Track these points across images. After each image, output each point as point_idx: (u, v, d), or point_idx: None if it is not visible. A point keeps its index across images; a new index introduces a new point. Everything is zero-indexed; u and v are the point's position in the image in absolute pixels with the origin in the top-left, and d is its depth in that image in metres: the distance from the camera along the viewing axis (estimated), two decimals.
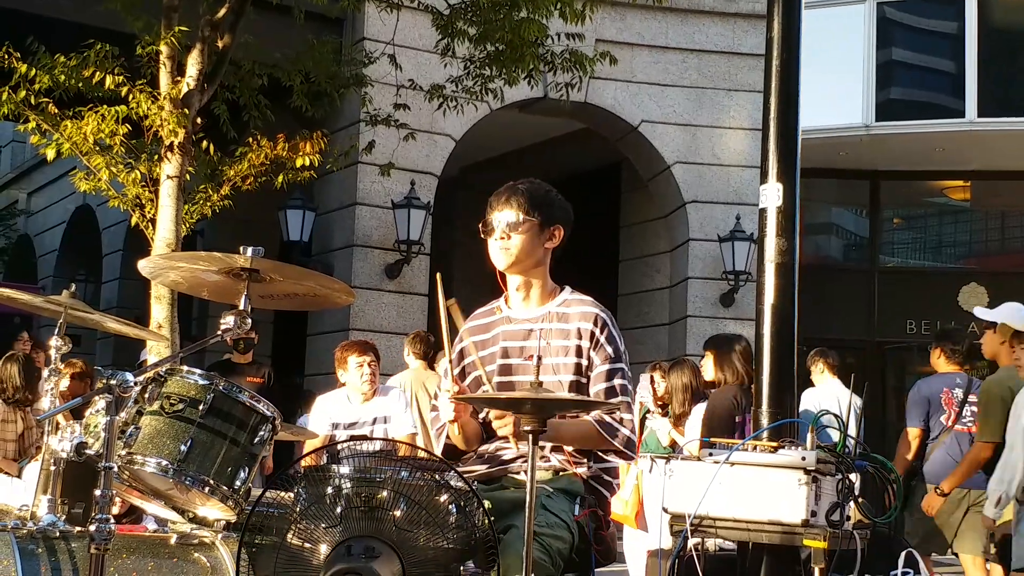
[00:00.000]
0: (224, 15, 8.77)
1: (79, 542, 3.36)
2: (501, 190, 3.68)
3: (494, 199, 3.66)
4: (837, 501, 3.34)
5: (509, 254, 3.61)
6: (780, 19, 4.19)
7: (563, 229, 3.67)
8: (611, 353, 3.58)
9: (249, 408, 3.47)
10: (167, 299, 8.28)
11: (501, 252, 3.62)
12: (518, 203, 3.61)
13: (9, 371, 7.36)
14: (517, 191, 3.64)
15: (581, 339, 3.59)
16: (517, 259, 3.61)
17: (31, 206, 24.66)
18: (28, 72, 8.73)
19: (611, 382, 3.56)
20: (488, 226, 3.63)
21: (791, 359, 4.03)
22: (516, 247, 3.60)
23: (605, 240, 16.14)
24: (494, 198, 3.67)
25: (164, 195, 8.59)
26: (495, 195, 3.67)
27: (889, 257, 18.11)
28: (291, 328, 14.18)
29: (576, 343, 3.59)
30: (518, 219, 3.60)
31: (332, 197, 13.52)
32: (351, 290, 4.03)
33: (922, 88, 16.60)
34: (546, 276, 3.70)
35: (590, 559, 3.52)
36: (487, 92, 10.46)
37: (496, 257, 3.64)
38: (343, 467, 3.10)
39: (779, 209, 4.03)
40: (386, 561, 2.95)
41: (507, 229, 3.59)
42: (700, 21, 14.68)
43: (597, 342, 3.58)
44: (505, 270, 3.65)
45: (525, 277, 3.67)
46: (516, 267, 3.64)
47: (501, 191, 3.67)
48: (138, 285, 14.93)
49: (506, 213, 3.61)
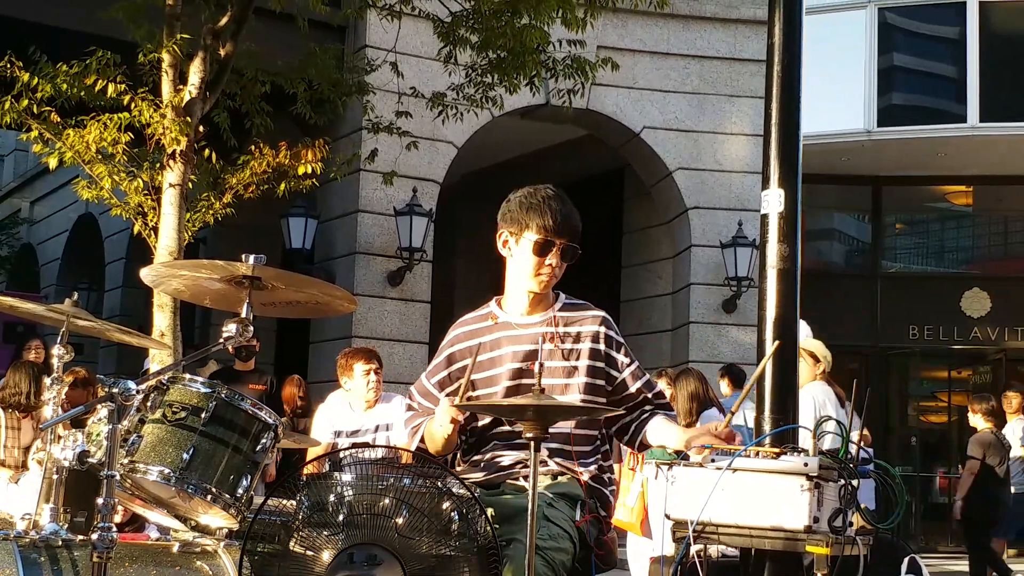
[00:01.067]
0: (226, 23, 8.78)
1: (81, 551, 3.36)
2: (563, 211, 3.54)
3: (558, 220, 3.53)
4: (840, 507, 3.34)
5: (554, 280, 3.59)
6: (781, 25, 4.19)
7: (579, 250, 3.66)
8: (629, 350, 3.66)
9: (251, 416, 3.46)
10: (169, 307, 8.28)
11: (546, 277, 3.56)
12: (572, 232, 3.56)
13: (16, 378, 7.35)
14: (568, 217, 3.55)
15: (597, 342, 3.59)
16: (552, 284, 3.60)
17: (34, 215, 24.71)
18: (31, 81, 8.74)
19: (645, 377, 3.66)
20: (546, 246, 3.52)
21: (793, 365, 4.03)
22: (560, 274, 3.59)
23: (607, 246, 16.15)
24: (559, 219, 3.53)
25: (166, 203, 8.60)
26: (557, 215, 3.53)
27: (891, 262, 18.12)
28: (293, 336, 14.19)
29: (590, 346, 3.58)
30: (575, 249, 3.56)
31: (334, 205, 13.54)
32: (353, 298, 4.02)
33: (924, 93, 16.61)
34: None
35: (591, 565, 3.51)
36: (488, 100, 10.46)
37: (538, 279, 3.56)
38: (345, 475, 3.10)
39: (781, 215, 4.03)
40: (388, 568, 2.95)
41: (565, 260, 3.56)
42: (702, 27, 14.70)
43: (618, 344, 3.62)
44: (540, 291, 3.59)
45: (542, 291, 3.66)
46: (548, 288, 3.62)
47: (564, 213, 3.54)
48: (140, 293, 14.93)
49: (569, 247, 3.55)
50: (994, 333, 16.77)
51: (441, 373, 3.67)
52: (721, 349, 14.31)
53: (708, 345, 14.35)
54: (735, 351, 14.09)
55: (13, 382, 7.34)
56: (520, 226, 3.55)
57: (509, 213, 3.60)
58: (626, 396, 3.64)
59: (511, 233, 3.59)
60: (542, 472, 3.48)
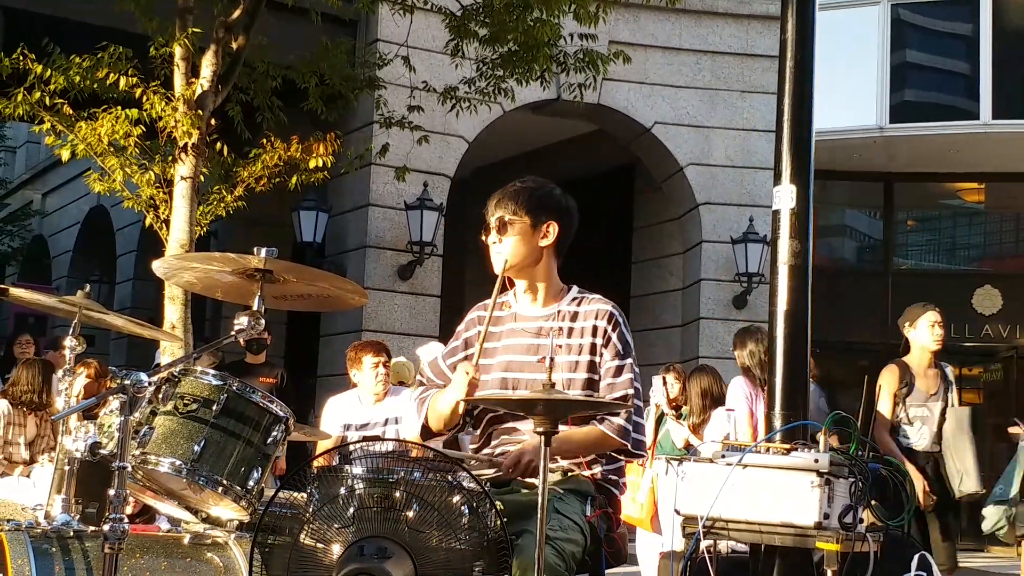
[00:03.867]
0: (238, 17, 8.79)
1: (93, 542, 3.37)
2: (503, 190, 3.66)
3: (488, 202, 3.65)
4: (850, 503, 3.33)
5: (500, 257, 3.59)
6: (794, 20, 4.18)
7: (558, 224, 3.62)
8: (620, 349, 3.57)
9: (262, 408, 3.47)
10: (181, 300, 8.29)
11: (494, 256, 3.61)
12: (505, 205, 3.60)
13: (29, 375, 7.36)
14: (506, 193, 3.63)
15: (595, 336, 3.58)
16: (511, 262, 3.58)
17: (46, 207, 24.76)
18: (43, 73, 8.76)
19: (620, 377, 3.54)
20: (485, 230, 3.63)
21: (804, 362, 4.02)
22: (507, 250, 3.58)
23: (618, 242, 16.14)
24: (493, 200, 3.65)
25: (178, 196, 8.61)
26: (494, 196, 3.66)
27: (903, 259, 18.06)
28: (304, 329, 14.20)
29: (591, 341, 3.57)
30: (506, 221, 3.58)
31: (345, 198, 13.54)
32: (364, 291, 4.03)
33: (936, 90, 16.55)
34: (551, 275, 3.67)
35: (601, 560, 3.52)
36: (500, 93, 10.46)
37: (492, 260, 3.62)
38: (355, 468, 3.11)
39: (792, 211, 4.02)
40: (398, 562, 2.95)
41: (498, 232, 3.59)
42: (714, 22, 14.67)
43: (608, 339, 3.57)
44: (503, 273, 3.59)
45: (529, 279, 3.65)
46: (513, 270, 3.61)
47: (493, 194, 3.66)
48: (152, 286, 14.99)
49: (496, 216, 3.60)
50: (1005, 330, 16.71)
51: (458, 355, 3.70)
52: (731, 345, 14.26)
53: (718, 341, 14.32)
54: None
55: (26, 379, 7.35)
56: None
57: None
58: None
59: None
60: (552, 468, 3.48)
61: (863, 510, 3.39)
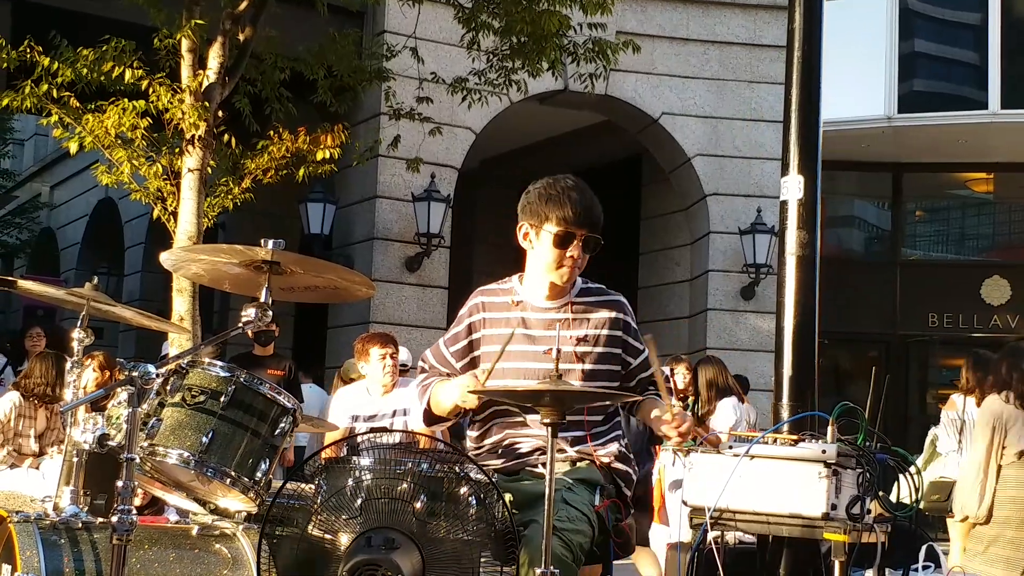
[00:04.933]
0: (245, 8, 8.79)
1: (101, 533, 3.38)
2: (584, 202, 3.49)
3: (579, 212, 3.47)
4: (858, 494, 3.33)
5: (576, 272, 3.55)
6: (802, 10, 4.17)
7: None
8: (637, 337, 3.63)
9: (270, 400, 3.48)
10: (189, 291, 8.31)
11: (568, 269, 3.51)
12: (595, 225, 3.51)
13: (42, 368, 7.37)
14: (596, 210, 3.51)
15: (615, 329, 3.58)
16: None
17: (54, 199, 24.80)
18: (51, 66, 8.76)
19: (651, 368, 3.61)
20: (567, 239, 3.48)
21: (812, 353, 4.02)
22: (583, 265, 3.55)
23: (625, 233, 16.11)
24: (579, 210, 3.47)
25: (186, 188, 8.62)
26: (576, 206, 3.48)
27: (911, 250, 18.03)
28: (311, 321, 14.22)
29: (607, 333, 3.57)
30: (597, 245, 3.52)
31: (353, 190, 13.55)
32: (371, 283, 4.03)
33: (945, 80, 16.50)
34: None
35: (609, 550, 3.52)
36: (511, 83, 10.44)
37: (559, 272, 3.52)
38: (363, 459, 3.11)
39: (800, 202, 4.02)
40: (406, 553, 2.96)
41: (583, 250, 3.51)
42: (721, 13, 14.64)
43: (631, 328, 3.61)
44: (562, 284, 3.55)
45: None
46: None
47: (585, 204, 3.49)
48: (160, 278, 14.99)
49: (591, 238, 3.50)
50: (1014, 321, 16.67)
51: (460, 343, 3.65)
52: (739, 336, 14.28)
53: (726, 332, 14.32)
54: (753, 338, 14.06)
55: (39, 371, 7.36)
56: (540, 218, 3.52)
57: (529, 205, 3.56)
58: (639, 381, 3.64)
59: (531, 225, 3.55)
60: (560, 459, 3.48)
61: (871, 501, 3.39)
